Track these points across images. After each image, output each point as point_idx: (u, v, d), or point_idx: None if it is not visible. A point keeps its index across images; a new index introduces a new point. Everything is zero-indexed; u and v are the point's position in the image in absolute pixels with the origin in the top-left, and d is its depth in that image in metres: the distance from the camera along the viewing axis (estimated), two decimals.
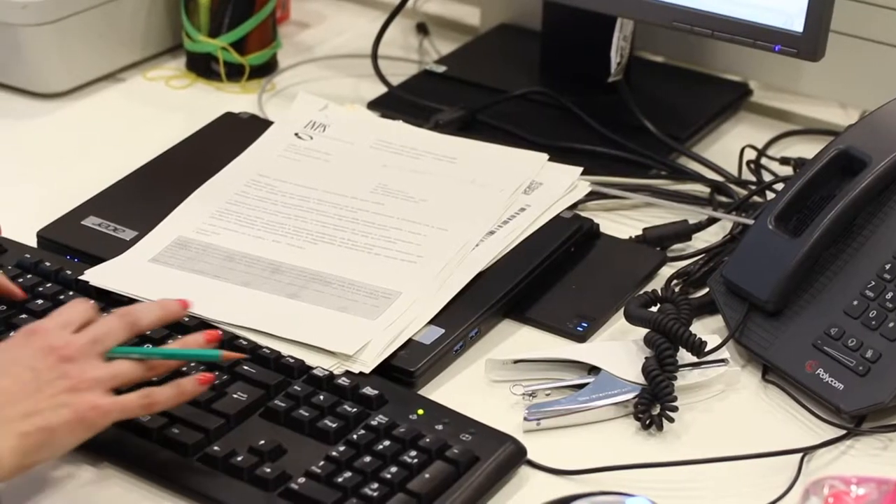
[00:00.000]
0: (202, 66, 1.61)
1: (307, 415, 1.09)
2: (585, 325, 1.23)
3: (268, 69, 1.63)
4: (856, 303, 1.17)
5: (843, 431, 1.13)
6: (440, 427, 1.08)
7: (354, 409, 1.09)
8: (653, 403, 1.13)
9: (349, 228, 1.29)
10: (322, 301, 1.20)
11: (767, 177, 1.45)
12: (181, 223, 1.29)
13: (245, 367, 1.13)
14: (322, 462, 1.05)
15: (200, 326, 1.16)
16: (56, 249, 1.28)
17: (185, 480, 1.05)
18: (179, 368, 1.09)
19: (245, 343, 1.15)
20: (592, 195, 1.38)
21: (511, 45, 1.67)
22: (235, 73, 1.60)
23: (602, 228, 1.34)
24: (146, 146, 1.43)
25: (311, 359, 1.15)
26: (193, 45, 1.60)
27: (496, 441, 1.08)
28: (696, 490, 1.08)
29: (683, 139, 1.49)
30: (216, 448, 1.06)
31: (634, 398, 1.14)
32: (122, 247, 1.27)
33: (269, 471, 1.04)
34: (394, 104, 1.54)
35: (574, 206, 1.35)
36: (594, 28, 1.49)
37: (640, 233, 1.34)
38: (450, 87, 1.58)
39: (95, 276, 1.22)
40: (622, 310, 1.21)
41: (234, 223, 1.30)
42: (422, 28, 1.73)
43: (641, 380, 1.14)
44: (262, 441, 1.06)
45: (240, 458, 1.05)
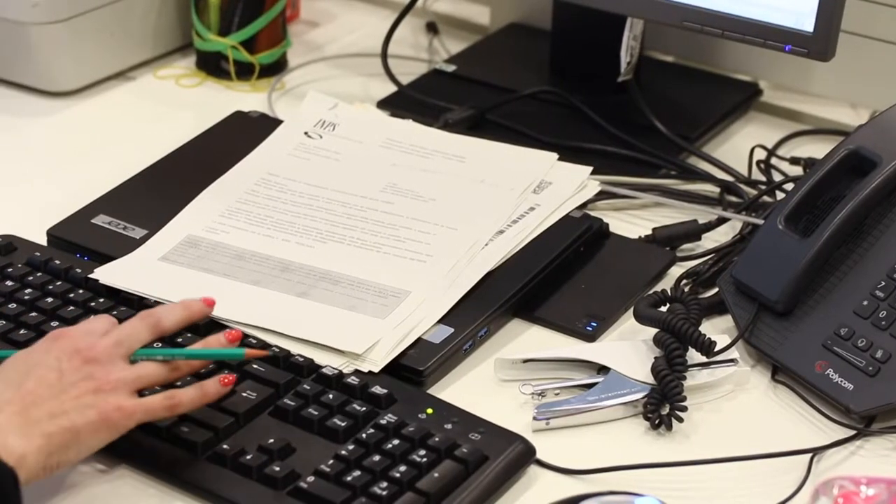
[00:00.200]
0: (212, 65, 1.61)
1: (316, 413, 1.09)
2: (595, 325, 1.23)
3: (278, 68, 1.63)
4: (866, 303, 1.17)
5: (853, 432, 1.13)
6: (449, 426, 1.08)
7: (363, 408, 1.09)
8: (662, 403, 1.13)
9: (358, 227, 1.29)
10: (331, 300, 1.20)
11: (777, 177, 1.45)
12: (191, 222, 1.30)
13: (254, 366, 1.13)
14: (331, 461, 1.05)
15: (211, 325, 1.17)
16: (66, 248, 1.28)
17: (195, 479, 1.05)
18: (201, 370, 1.09)
19: (254, 342, 1.15)
20: (602, 195, 1.38)
21: (521, 45, 1.67)
22: (245, 72, 1.60)
23: (612, 228, 1.34)
24: (156, 145, 1.43)
25: (321, 358, 1.15)
26: (203, 44, 1.61)
27: (505, 440, 1.08)
28: (706, 490, 1.08)
29: (693, 139, 1.49)
30: (225, 446, 1.06)
31: (644, 398, 1.14)
32: (132, 245, 1.27)
33: (279, 469, 1.04)
34: (403, 103, 1.54)
35: (584, 206, 1.35)
36: (604, 27, 1.49)
37: (650, 232, 1.34)
38: (459, 87, 1.58)
39: (105, 275, 1.22)
40: (631, 309, 1.21)
41: (244, 222, 1.30)
42: (431, 27, 1.73)
43: (651, 379, 1.14)
44: (272, 440, 1.06)
45: (249, 457, 1.05)
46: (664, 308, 1.20)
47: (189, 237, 1.28)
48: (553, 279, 1.27)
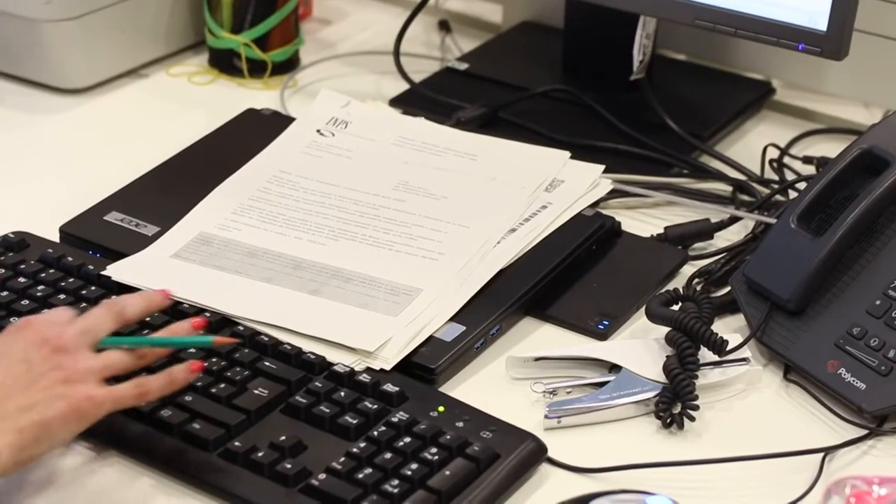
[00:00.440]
0: (225, 63, 1.62)
1: (328, 411, 1.09)
2: (607, 323, 1.23)
3: (290, 66, 1.63)
4: (878, 302, 1.17)
5: (865, 431, 1.13)
6: (461, 424, 1.08)
7: (375, 406, 1.09)
8: (674, 402, 1.13)
9: (370, 225, 1.29)
10: (343, 297, 1.21)
11: (790, 176, 1.45)
12: (203, 219, 1.30)
13: (266, 363, 1.13)
14: (343, 458, 1.05)
15: (222, 322, 1.17)
16: (78, 244, 1.28)
17: (206, 476, 1.05)
18: (169, 356, 1.09)
19: (266, 339, 1.15)
20: (614, 193, 1.38)
21: (533, 43, 1.67)
22: (258, 70, 1.60)
23: (624, 226, 1.34)
24: (168, 142, 1.43)
25: (332, 355, 1.15)
26: (216, 42, 1.61)
27: (517, 438, 1.08)
28: (717, 489, 1.08)
29: (706, 137, 1.49)
30: (237, 443, 1.06)
31: (655, 396, 1.14)
32: (145, 242, 1.27)
33: (290, 467, 1.04)
34: (416, 101, 1.54)
35: (596, 204, 1.34)
36: (617, 26, 1.49)
37: (662, 231, 1.34)
38: (472, 85, 1.58)
39: (117, 272, 1.22)
40: (643, 308, 1.21)
41: (256, 219, 1.30)
42: (444, 25, 1.73)
43: (662, 378, 1.14)
44: (283, 437, 1.06)
45: (260, 454, 1.05)
46: (676, 307, 1.20)
47: (201, 234, 1.28)
48: (565, 277, 1.27)
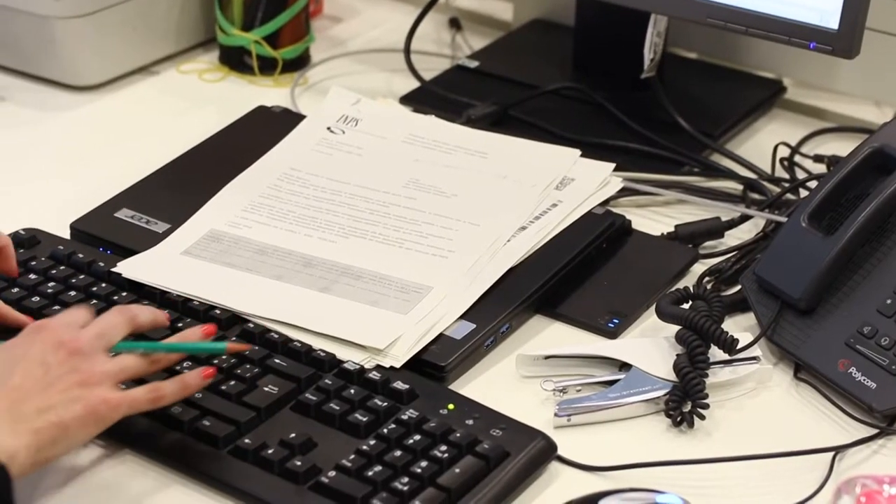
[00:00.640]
0: (235, 60, 1.62)
1: (338, 408, 1.09)
2: (617, 322, 1.23)
3: (301, 63, 1.63)
4: (889, 301, 1.16)
5: (876, 430, 1.13)
6: (470, 422, 1.08)
7: (385, 404, 1.09)
8: (684, 400, 1.13)
9: (381, 223, 1.29)
10: (353, 295, 1.21)
11: (801, 174, 1.44)
12: (213, 216, 1.30)
13: (276, 361, 1.13)
14: (352, 456, 1.05)
15: (232, 319, 1.17)
16: (89, 241, 1.28)
17: (216, 472, 1.05)
18: (181, 361, 1.09)
19: (276, 336, 1.15)
20: (624, 191, 1.38)
21: (544, 41, 1.66)
22: (268, 67, 1.60)
23: (634, 225, 1.34)
24: (179, 139, 1.43)
25: (342, 353, 1.15)
26: (227, 39, 1.61)
27: (526, 436, 1.08)
28: (727, 488, 1.08)
29: (716, 136, 1.49)
30: (247, 441, 1.06)
31: (665, 395, 1.13)
32: (155, 239, 1.27)
33: (300, 464, 1.04)
34: (426, 99, 1.54)
35: (606, 203, 1.34)
36: (628, 24, 1.49)
37: (673, 229, 1.34)
38: (482, 83, 1.58)
39: (128, 269, 1.22)
40: (654, 306, 1.21)
41: (267, 217, 1.30)
42: (454, 23, 1.73)
43: (673, 377, 1.14)
44: (293, 434, 1.06)
45: (270, 451, 1.05)
46: (686, 305, 1.20)
47: (212, 232, 1.28)
48: (575, 276, 1.27)
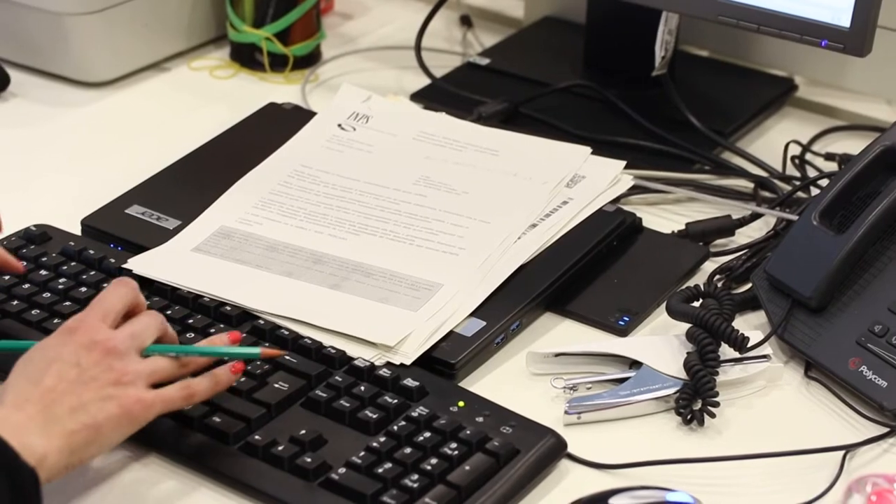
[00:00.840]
0: (246, 57, 1.62)
1: (348, 405, 1.09)
2: (627, 320, 1.23)
3: (311, 60, 1.63)
4: None
5: (887, 429, 1.12)
6: (481, 419, 1.08)
7: (395, 401, 1.09)
8: (694, 398, 1.13)
9: (391, 220, 1.29)
10: (364, 292, 1.21)
11: (812, 172, 1.44)
12: (224, 213, 1.30)
13: (286, 358, 1.13)
14: (362, 453, 1.05)
15: (243, 316, 1.17)
16: (100, 237, 1.28)
17: (226, 469, 1.05)
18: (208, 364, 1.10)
19: (286, 333, 1.15)
20: (635, 189, 1.38)
21: (555, 38, 1.66)
22: (279, 64, 1.61)
23: (645, 223, 1.33)
24: (190, 136, 1.43)
25: (353, 349, 1.15)
26: (238, 36, 1.61)
27: (536, 434, 1.08)
28: (737, 486, 1.08)
29: (727, 134, 1.49)
30: (257, 437, 1.06)
31: (675, 393, 1.13)
32: (166, 236, 1.27)
33: (310, 461, 1.04)
34: (437, 96, 1.54)
35: (617, 200, 1.34)
36: (639, 21, 1.49)
37: (683, 227, 1.34)
38: (493, 80, 1.58)
39: (138, 265, 1.23)
40: (664, 304, 1.21)
41: (277, 213, 1.30)
42: (465, 20, 1.73)
43: (683, 375, 1.14)
44: (303, 431, 1.07)
45: (281, 448, 1.05)
46: (697, 303, 1.20)
47: (222, 228, 1.28)
48: (586, 273, 1.27)
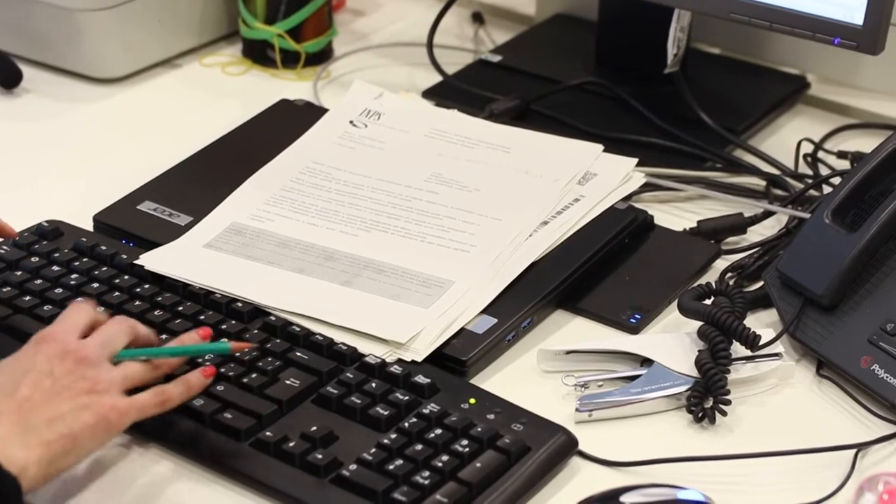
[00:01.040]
0: (258, 53, 1.62)
1: (359, 402, 1.09)
2: (638, 317, 1.22)
3: (323, 57, 1.63)
4: None
5: None
6: (492, 416, 1.08)
7: (406, 397, 1.09)
8: (705, 396, 1.13)
9: (403, 217, 1.29)
10: (375, 289, 1.21)
11: (824, 170, 1.44)
12: (236, 209, 1.30)
13: (298, 354, 1.13)
14: (373, 449, 1.05)
15: (254, 312, 1.17)
16: (112, 234, 1.29)
17: (237, 465, 1.06)
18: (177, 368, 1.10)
19: (298, 329, 1.16)
20: (647, 187, 1.38)
21: (566, 36, 1.66)
22: (291, 61, 1.61)
23: (656, 220, 1.33)
24: (202, 132, 1.44)
25: (364, 346, 1.15)
26: (249, 32, 1.61)
27: (547, 431, 1.08)
28: (748, 484, 1.07)
29: (739, 132, 1.49)
30: (268, 433, 1.06)
31: (687, 391, 1.13)
32: (177, 232, 1.27)
33: (321, 457, 1.04)
34: (448, 93, 1.54)
35: (628, 198, 1.34)
36: (651, 19, 1.48)
37: (695, 225, 1.34)
38: (505, 77, 1.58)
39: (150, 261, 1.23)
40: (676, 302, 1.20)
41: (289, 210, 1.30)
42: (477, 17, 1.73)
43: (694, 372, 1.14)
44: (314, 427, 1.07)
45: (292, 444, 1.05)
46: (709, 301, 1.19)
47: (234, 224, 1.28)
48: (597, 271, 1.27)
